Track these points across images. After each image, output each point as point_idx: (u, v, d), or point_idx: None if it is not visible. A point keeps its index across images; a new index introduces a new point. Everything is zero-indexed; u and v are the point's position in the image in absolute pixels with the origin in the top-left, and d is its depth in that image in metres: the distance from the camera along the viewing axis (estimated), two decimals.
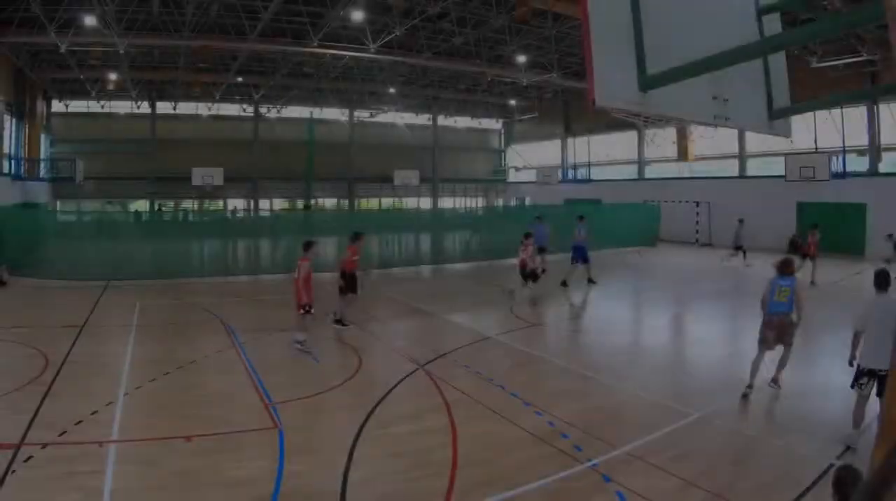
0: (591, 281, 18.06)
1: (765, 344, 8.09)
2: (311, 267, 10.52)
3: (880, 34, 20.53)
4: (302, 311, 10.46)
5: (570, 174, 43.39)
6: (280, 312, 13.56)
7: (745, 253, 21.90)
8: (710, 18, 5.45)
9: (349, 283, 12.39)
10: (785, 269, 8.16)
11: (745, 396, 7.91)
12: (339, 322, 12.37)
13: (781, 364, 8.12)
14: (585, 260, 17.93)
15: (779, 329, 8.02)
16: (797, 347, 8.20)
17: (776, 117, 6.53)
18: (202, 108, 41.43)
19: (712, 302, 16.31)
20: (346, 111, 45.38)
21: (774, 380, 8.14)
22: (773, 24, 6.41)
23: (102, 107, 39.17)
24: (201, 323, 12.78)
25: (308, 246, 10.77)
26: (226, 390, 8.59)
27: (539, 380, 9.13)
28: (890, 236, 20.74)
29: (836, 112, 25.95)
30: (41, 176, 31.43)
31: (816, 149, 26.96)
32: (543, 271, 16.73)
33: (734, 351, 10.56)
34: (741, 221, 22.75)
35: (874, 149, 25.91)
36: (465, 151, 50.89)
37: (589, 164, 42.26)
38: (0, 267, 17.40)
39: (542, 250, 17.70)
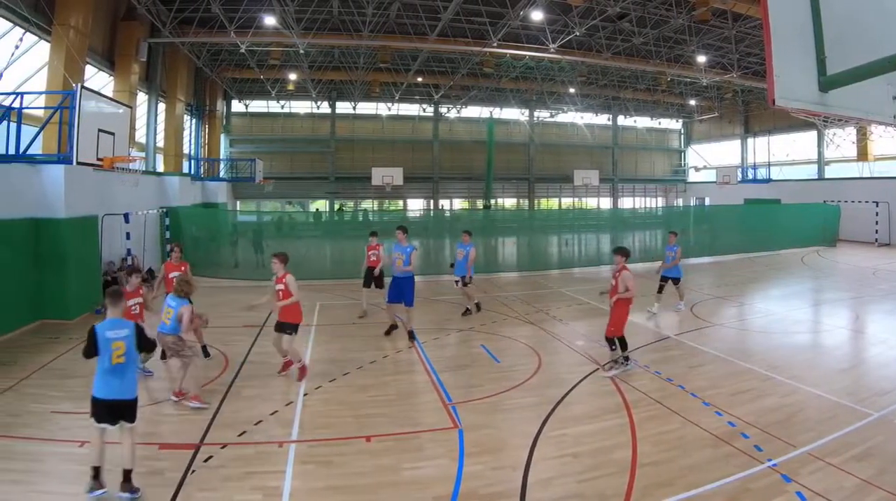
0: (390, 328, 12.61)
1: None
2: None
3: None
4: None
5: (750, 174, 43.85)
6: (458, 312, 14.52)
7: (662, 288, 14.68)
8: (892, 17, 5.28)
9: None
10: None
11: None
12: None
13: None
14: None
15: None
16: None
17: None
18: (381, 108, 43.82)
19: (891, 301, 16.30)
20: (526, 111, 46.10)
21: None
22: None
23: (282, 107, 42.67)
24: (381, 324, 13.08)
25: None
26: (405, 390, 8.85)
27: (718, 380, 9.33)
28: None
29: None
30: (221, 176, 33.56)
31: None
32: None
33: None
34: (674, 234, 15.12)
35: None
36: (644, 151, 51.05)
37: (769, 164, 43.07)
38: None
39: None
